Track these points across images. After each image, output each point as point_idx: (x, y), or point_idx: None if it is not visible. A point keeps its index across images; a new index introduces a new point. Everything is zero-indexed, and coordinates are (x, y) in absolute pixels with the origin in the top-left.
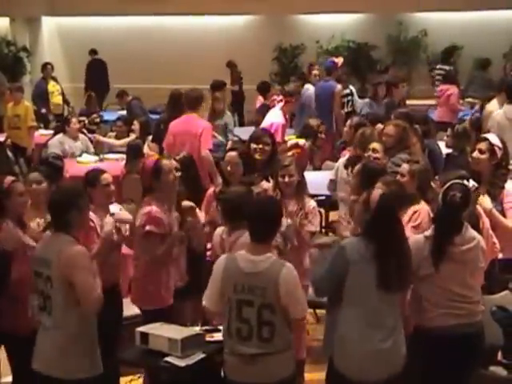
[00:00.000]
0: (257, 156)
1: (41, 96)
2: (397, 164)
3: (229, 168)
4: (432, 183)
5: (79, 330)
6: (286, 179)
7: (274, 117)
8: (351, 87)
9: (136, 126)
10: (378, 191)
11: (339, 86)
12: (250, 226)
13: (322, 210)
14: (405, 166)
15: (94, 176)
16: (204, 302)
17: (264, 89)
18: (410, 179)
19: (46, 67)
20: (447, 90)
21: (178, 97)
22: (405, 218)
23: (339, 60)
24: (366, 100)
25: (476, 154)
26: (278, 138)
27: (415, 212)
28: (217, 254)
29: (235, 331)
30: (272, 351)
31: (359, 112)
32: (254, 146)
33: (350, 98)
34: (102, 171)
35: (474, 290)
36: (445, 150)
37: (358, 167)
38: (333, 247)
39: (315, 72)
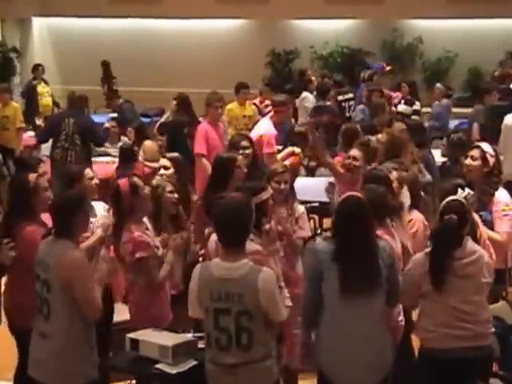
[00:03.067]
0: None
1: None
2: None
3: (243, 170)
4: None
5: (78, 336)
6: (282, 186)
7: (264, 128)
8: (348, 95)
9: (131, 132)
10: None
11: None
12: (218, 232)
13: (316, 217)
14: (393, 174)
15: (78, 171)
16: (189, 310)
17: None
18: (398, 187)
19: (38, 68)
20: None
21: (188, 99)
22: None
23: (387, 67)
24: (361, 106)
25: (468, 160)
26: (272, 149)
27: (410, 221)
28: (210, 257)
29: (214, 341)
30: (252, 360)
31: (353, 118)
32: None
33: (352, 102)
34: (83, 167)
35: (479, 307)
36: (440, 159)
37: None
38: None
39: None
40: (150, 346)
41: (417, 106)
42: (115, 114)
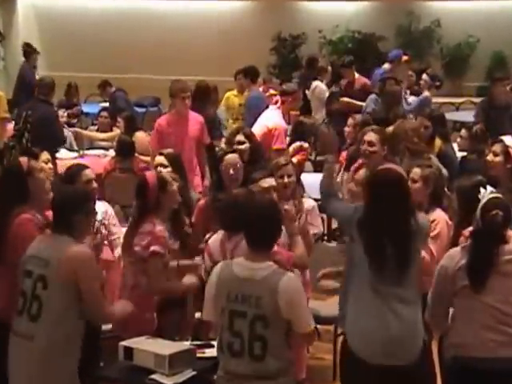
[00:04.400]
0: None
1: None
2: None
3: (231, 171)
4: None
5: (68, 342)
6: (285, 179)
7: (274, 120)
8: None
9: (121, 122)
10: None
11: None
12: (247, 233)
13: (324, 216)
14: (416, 171)
15: (74, 172)
16: (203, 312)
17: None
18: (423, 185)
19: (33, 55)
20: None
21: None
22: None
23: (405, 57)
24: (372, 96)
25: (490, 156)
26: (282, 145)
27: (433, 221)
28: (215, 260)
29: (226, 345)
30: (265, 374)
31: (364, 109)
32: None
33: None
34: (84, 166)
35: None
36: (458, 153)
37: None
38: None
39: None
40: (144, 354)
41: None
42: (106, 104)
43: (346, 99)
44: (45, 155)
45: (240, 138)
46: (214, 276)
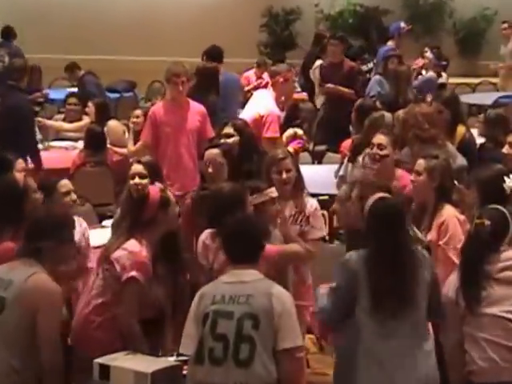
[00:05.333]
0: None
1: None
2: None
3: (210, 170)
4: (456, 183)
5: (22, 368)
6: (284, 175)
7: (266, 105)
8: (370, 64)
9: (91, 108)
10: (375, 196)
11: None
12: (228, 250)
13: (325, 213)
14: (420, 162)
15: (49, 185)
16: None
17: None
18: (428, 178)
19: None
20: None
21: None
22: (433, 235)
23: (406, 26)
24: (376, 77)
25: (506, 148)
26: (275, 134)
27: (442, 223)
28: (202, 265)
29: (207, 352)
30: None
31: (367, 92)
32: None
33: (369, 76)
34: (58, 177)
35: None
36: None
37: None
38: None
39: (333, 48)
40: (123, 373)
41: (443, 78)
42: (75, 89)
43: (330, 85)
44: (20, 164)
45: (228, 130)
46: (196, 297)
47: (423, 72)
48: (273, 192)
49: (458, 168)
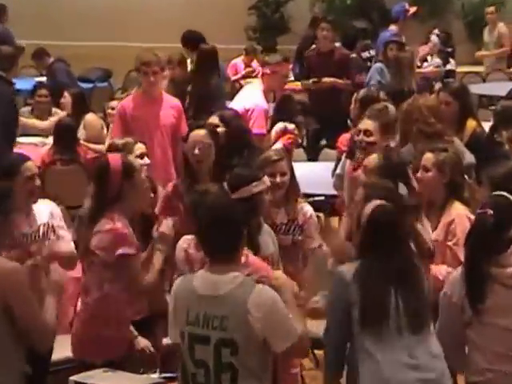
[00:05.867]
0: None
1: None
2: None
3: (196, 151)
4: (467, 178)
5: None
6: (278, 179)
7: (252, 98)
8: (372, 51)
9: (67, 98)
10: (373, 204)
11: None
12: (203, 241)
13: (321, 215)
14: (428, 157)
15: (12, 164)
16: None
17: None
18: (438, 173)
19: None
20: None
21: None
22: (439, 234)
23: (412, 8)
24: (377, 65)
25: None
26: (261, 130)
27: (450, 223)
28: (181, 271)
29: (191, 378)
30: None
31: (367, 81)
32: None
33: (370, 64)
34: (25, 157)
35: None
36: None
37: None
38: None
39: (324, 33)
40: None
41: (451, 64)
42: (44, 79)
43: (327, 79)
44: (30, 169)
45: (213, 120)
46: (172, 292)
47: (428, 58)
48: (267, 180)
49: (465, 166)
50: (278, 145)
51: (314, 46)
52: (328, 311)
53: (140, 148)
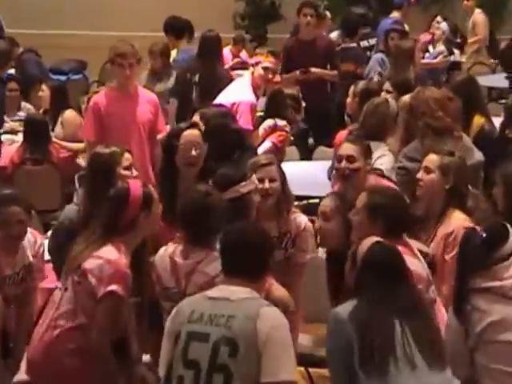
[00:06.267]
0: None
1: None
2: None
3: (193, 153)
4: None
5: None
6: (266, 184)
7: (239, 92)
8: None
9: (45, 92)
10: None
11: None
12: (223, 258)
13: (316, 219)
14: (433, 158)
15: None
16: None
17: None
18: (441, 177)
19: None
20: None
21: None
22: (436, 247)
23: None
24: (377, 55)
25: None
26: (248, 125)
27: (449, 235)
28: (164, 286)
29: (176, 382)
30: None
31: (367, 73)
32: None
33: (370, 54)
34: (13, 199)
35: None
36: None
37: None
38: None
39: (308, 19)
40: None
41: (457, 55)
42: (12, 70)
43: (316, 70)
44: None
45: (195, 117)
46: (174, 311)
47: (430, 49)
48: (255, 180)
49: (474, 164)
50: (267, 143)
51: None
52: (328, 357)
53: (128, 159)
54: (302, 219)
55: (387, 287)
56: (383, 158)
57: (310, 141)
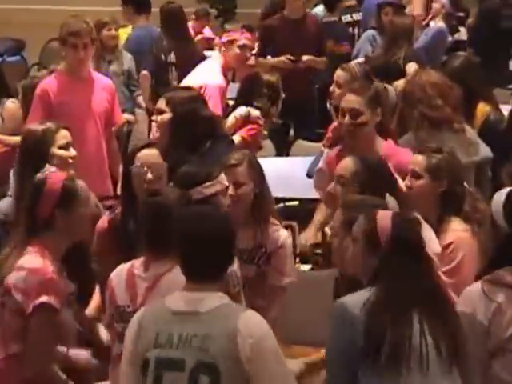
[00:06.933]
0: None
1: None
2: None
3: (150, 176)
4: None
5: None
6: (231, 190)
7: (205, 73)
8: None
9: None
10: (387, 214)
11: None
12: (183, 258)
13: (295, 225)
14: (418, 160)
15: None
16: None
17: None
18: (431, 181)
19: None
20: None
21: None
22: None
23: None
24: (368, 32)
25: None
26: (216, 110)
27: (447, 246)
28: (117, 304)
29: None
30: None
31: (355, 54)
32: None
33: (353, 31)
34: None
35: None
36: None
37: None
38: None
39: None
40: None
41: (461, 33)
42: None
43: (307, 58)
44: None
45: (161, 104)
46: (131, 326)
47: (431, 24)
48: (224, 179)
49: (480, 161)
50: (236, 137)
51: None
52: (328, 358)
53: (64, 136)
54: (281, 234)
55: (412, 271)
56: None
57: (291, 133)
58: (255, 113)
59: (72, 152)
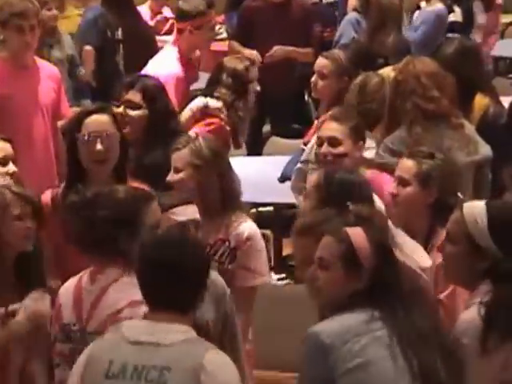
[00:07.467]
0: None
1: None
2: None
3: (99, 146)
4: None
5: None
6: (170, 176)
7: (161, 63)
8: None
9: None
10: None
11: None
12: (144, 285)
13: (269, 233)
14: (407, 165)
15: None
16: None
17: None
18: (420, 189)
19: None
20: None
21: None
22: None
23: None
24: (350, 15)
25: None
26: (175, 103)
27: (441, 266)
28: (62, 322)
29: None
30: None
31: (337, 39)
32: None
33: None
34: None
35: None
36: None
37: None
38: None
39: None
40: None
41: (457, 14)
42: None
43: (292, 49)
44: None
45: (134, 96)
46: (82, 355)
47: (422, 4)
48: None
49: (480, 161)
50: (191, 133)
51: None
52: None
53: (2, 149)
54: (247, 226)
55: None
56: (366, 151)
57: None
58: (215, 104)
59: (10, 168)
